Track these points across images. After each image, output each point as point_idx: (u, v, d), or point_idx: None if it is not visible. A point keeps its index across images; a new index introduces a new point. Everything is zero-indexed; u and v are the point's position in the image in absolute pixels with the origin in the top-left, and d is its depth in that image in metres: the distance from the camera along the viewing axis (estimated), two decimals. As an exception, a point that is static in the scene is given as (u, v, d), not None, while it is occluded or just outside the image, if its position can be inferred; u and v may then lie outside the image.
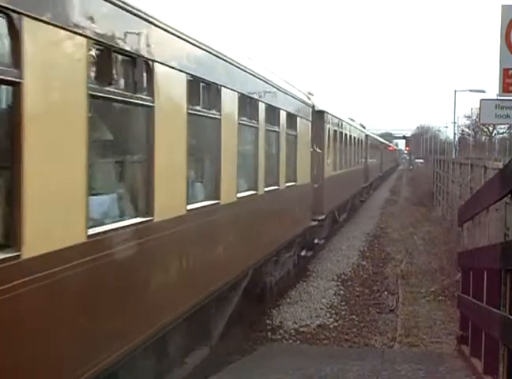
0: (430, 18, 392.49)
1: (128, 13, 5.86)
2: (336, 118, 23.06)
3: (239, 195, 9.94)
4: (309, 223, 17.09)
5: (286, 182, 13.58)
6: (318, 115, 18.72)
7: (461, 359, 8.73)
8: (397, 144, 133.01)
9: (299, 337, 12.08)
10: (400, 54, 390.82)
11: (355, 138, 30.34)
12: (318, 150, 18.52)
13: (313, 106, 17.76)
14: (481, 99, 13.10)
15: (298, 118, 14.98)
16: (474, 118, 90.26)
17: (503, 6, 12.09)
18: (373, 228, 28.18)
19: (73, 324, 5.00)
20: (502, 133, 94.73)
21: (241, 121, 9.90)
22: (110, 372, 5.59)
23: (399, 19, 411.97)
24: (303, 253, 17.20)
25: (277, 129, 12.80)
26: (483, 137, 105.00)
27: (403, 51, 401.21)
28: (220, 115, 8.78)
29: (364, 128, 40.03)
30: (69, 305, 5.01)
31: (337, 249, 22.10)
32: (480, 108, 13.23)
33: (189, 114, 7.52)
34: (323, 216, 18.90)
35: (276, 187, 12.71)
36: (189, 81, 7.52)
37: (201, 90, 8.18)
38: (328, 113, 20.34)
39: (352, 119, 30.77)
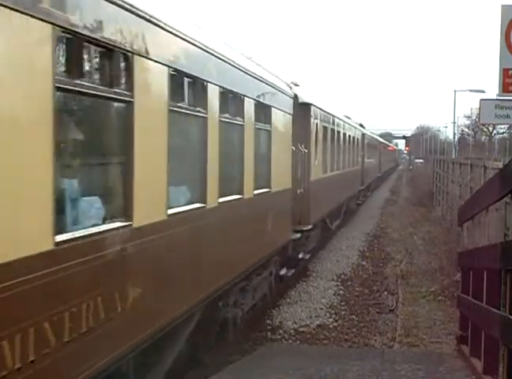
0: (430, 18, 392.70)
1: None
2: (327, 112, 20.30)
3: (172, 211, 7.20)
4: (289, 236, 14.38)
5: (255, 189, 10.93)
6: (303, 108, 16.05)
7: (461, 359, 8.72)
8: (396, 144, 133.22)
9: (299, 337, 12.08)
10: (399, 54, 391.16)
11: (349, 136, 27.86)
12: (303, 149, 15.87)
13: (296, 98, 15.25)
14: (481, 99, 13.10)
15: (273, 110, 12.30)
16: (474, 118, 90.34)
17: (503, 6, 12.08)
18: (373, 228, 28.17)
19: None
20: (502, 133, 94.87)
21: (173, 108, 7.21)
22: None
23: (399, 19, 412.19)
24: (282, 272, 14.52)
25: (240, 121, 10.14)
26: (483, 137, 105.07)
27: (403, 51, 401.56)
28: (132, 97, 6.08)
29: (364, 128, 39.80)
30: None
31: (337, 249, 22.09)
32: (479, 108, 13.21)
33: (58, 89, 4.94)
34: (309, 226, 16.26)
35: (238, 196, 10.07)
36: (57, 39, 4.94)
37: (89, 55, 5.55)
38: (315, 106, 17.53)
39: (347, 116, 28.74)
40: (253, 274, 11.56)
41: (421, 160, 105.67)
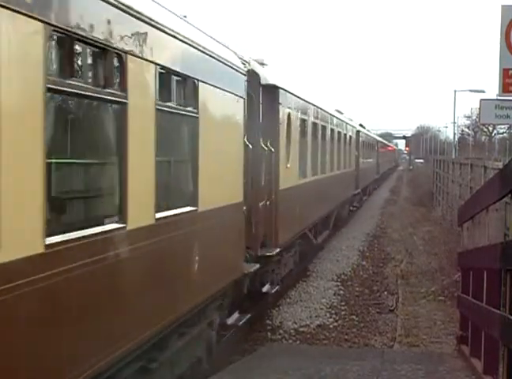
0: (430, 18, 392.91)
1: None
2: (306, 101, 15.88)
3: None
4: (240, 270, 10.26)
5: (158, 211, 6.82)
6: (268, 92, 12.13)
7: (461, 359, 8.73)
8: (396, 144, 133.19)
9: (299, 337, 12.08)
10: (400, 54, 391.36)
11: (340, 133, 23.78)
12: (268, 148, 12.08)
13: (254, 76, 11.41)
14: (481, 99, 13.11)
15: (201, 86, 8.15)
16: (474, 118, 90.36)
17: (503, 6, 12.09)
18: (373, 228, 28.16)
19: None
20: (502, 133, 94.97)
21: None
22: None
23: (399, 19, 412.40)
24: (230, 321, 10.28)
25: (119, 97, 5.96)
26: (483, 137, 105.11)
27: (403, 51, 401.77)
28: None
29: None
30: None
31: (337, 249, 22.09)
32: (479, 108, 13.23)
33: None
34: (276, 250, 12.37)
35: (113, 226, 5.91)
36: None
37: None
38: (286, 90, 13.38)
39: (339, 111, 25.51)
40: (172, 337, 7.70)
41: (421, 160, 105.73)
